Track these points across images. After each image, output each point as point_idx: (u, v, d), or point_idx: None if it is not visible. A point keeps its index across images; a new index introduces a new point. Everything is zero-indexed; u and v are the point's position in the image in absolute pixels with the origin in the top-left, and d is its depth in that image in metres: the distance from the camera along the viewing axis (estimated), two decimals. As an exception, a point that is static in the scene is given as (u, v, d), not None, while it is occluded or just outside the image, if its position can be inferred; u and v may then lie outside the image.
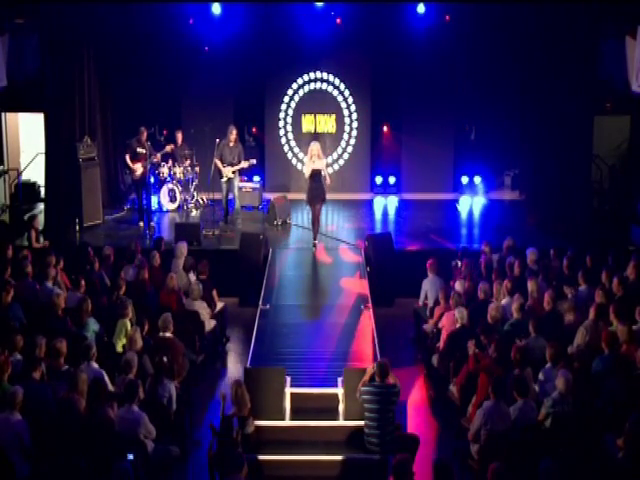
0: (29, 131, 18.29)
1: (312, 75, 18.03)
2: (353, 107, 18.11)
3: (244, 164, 15.20)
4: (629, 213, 15.66)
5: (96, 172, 15.46)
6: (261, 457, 8.40)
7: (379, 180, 18.11)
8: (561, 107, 15.11)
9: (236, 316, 12.63)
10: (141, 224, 15.32)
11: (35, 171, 17.25)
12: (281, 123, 18.17)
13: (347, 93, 18.08)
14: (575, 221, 14.84)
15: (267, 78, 17.99)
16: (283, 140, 18.23)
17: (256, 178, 17.46)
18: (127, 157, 15.20)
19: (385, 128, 18.32)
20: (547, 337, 9.09)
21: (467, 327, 9.75)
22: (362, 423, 8.55)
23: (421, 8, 16.30)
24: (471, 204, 17.41)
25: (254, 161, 15.59)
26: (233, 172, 15.15)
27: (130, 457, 7.33)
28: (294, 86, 18.04)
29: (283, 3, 16.82)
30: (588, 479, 7.02)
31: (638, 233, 14.67)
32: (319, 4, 16.53)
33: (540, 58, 15.69)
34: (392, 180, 18.13)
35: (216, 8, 16.27)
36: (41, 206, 16.85)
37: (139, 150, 15.06)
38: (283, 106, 18.10)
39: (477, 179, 18.11)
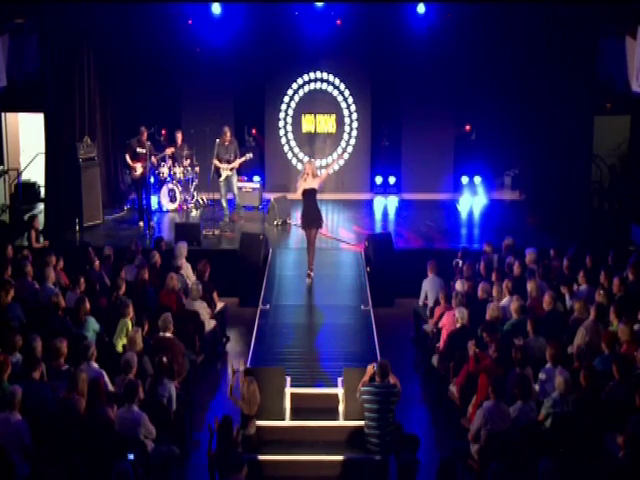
0: (29, 131, 18.29)
1: (312, 75, 18.04)
2: (353, 107, 18.12)
3: (241, 160, 15.23)
4: (629, 213, 15.66)
5: (96, 172, 15.47)
6: (261, 457, 8.41)
7: (379, 180, 18.12)
8: (561, 107, 15.13)
9: (236, 316, 12.63)
10: (141, 224, 15.32)
11: (35, 171, 17.25)
12: (281, 123, 18.17)
13: (347, 93, 18.09)
14: (575, 221, 14.85)
15: (267, 78, 18.00)
16: (283, 140, 18.24)
17: (256, 178, 17.46)
18: (127, 157, 15.21)
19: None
20: (547, 337, 9.09)
21: (467, 327, 9.75)
22: (362, 423, 8.55)
23: (421, 8, 16.29)
24: (471, 204, 17.41)
25: (250, 155, 15.62)
26: (230, 169, 15.18)
27: (130, 457, 7.34)
28: (294, 86, 18.05)
29: (283, 3, 16.82)
30: (588, 479, 7.02)
31: (638, 233, 14.67)
32: (319, 4, 16.53)
33: (540, 58, 15.70)
34: (392, 180, 18.14)
35: (216, 8, 16.27)
36: (41, 206, 16.86)
37: (139, 150, 15.06)
38: (283, 106, 18.10)
39: (477, 179, 18.12)
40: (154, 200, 16.27)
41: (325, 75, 18.04)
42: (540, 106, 15.87)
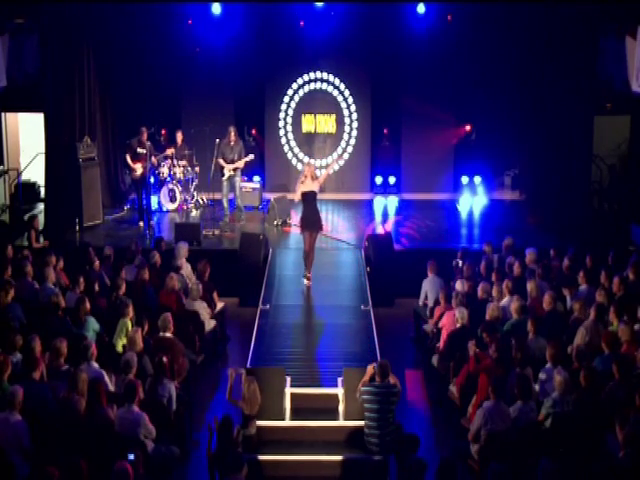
0: (29, 131, 18.30)
1: (312, 75, 18.04)
2: (353, 107, 18.12)
3: (244, 160, 15.23)
4: (629, 213, 15.66)
5: (96, 172, 15.47)
6: (261, 457, 8.42)
7: (379, 180, 18.11)
8: (561, 107, 15.13)
9: (236, 316, 12.63)
10: (141, 224, 15.33)
11: (35, 171, 17.25)
12: (281, 123, 18.17)
13: (347, 93, 18.09)
14: (575, 221, 14.84)
15: (267, 78, 18.00)
16: (283, 140, 18.24)
17: (256, 178, 17.46)
18: (127, 157, 15.22)
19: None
20: (547, 337, 9.09)
21: (467, 327, 9.75)
22: (362, 423, 8.55)
23: (421, 8, 16.31)
24: (471, 204, 17.41)
25: (252, 156, 15.64)
26: (233, 170, 15.20)
27: (130, 457, 7.33)
28: (294, 86, 18.05)
29: (283, 3, 16.82)
30: (588, 479, 7.02)
31: (638, 233, 14.67)
32: (319, 4, 16.53)
33: (540, 58, 15.70)
34: (392, 180, 18.13)
35: (216, 8, 16.28)
36: (41, 206, 16.86)
37: (139, 150, 15.06)
38: (283, 106, 18.10)
39: (477, 179, 18.11)
40: (154, 200, 16.26)
41: (325, 75, 18.04)
42: (540, 106, 15.86)
